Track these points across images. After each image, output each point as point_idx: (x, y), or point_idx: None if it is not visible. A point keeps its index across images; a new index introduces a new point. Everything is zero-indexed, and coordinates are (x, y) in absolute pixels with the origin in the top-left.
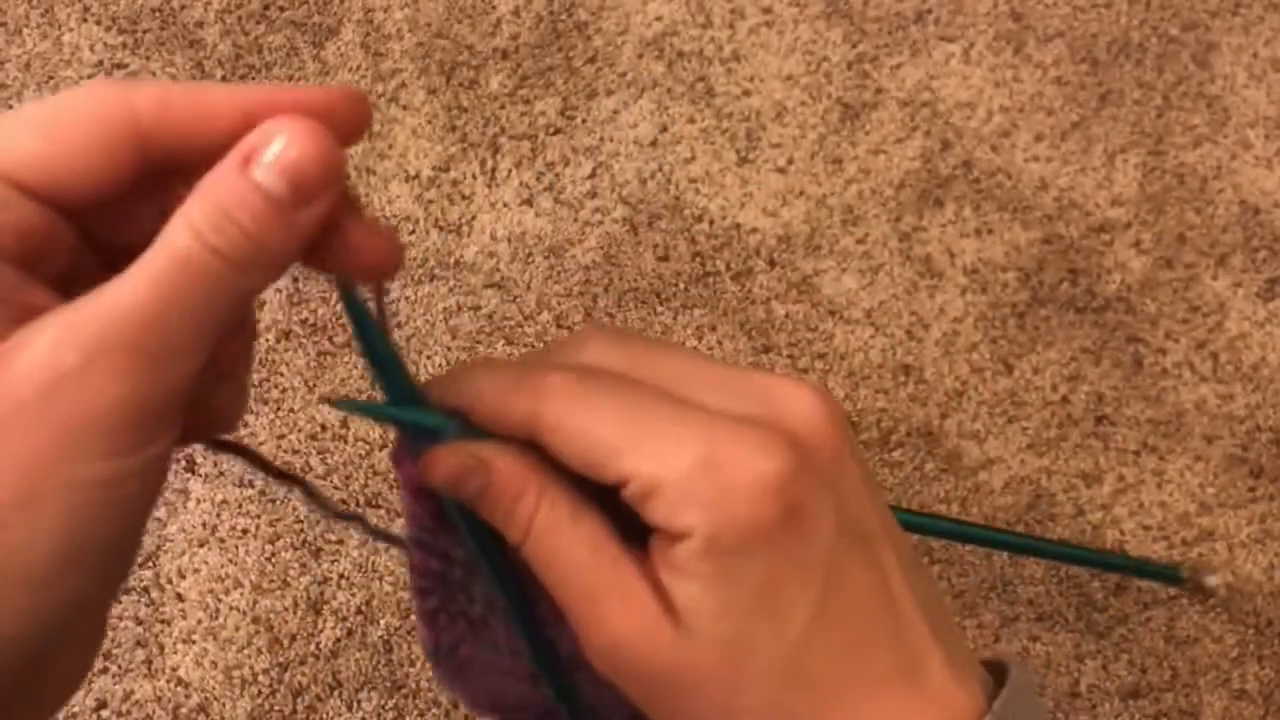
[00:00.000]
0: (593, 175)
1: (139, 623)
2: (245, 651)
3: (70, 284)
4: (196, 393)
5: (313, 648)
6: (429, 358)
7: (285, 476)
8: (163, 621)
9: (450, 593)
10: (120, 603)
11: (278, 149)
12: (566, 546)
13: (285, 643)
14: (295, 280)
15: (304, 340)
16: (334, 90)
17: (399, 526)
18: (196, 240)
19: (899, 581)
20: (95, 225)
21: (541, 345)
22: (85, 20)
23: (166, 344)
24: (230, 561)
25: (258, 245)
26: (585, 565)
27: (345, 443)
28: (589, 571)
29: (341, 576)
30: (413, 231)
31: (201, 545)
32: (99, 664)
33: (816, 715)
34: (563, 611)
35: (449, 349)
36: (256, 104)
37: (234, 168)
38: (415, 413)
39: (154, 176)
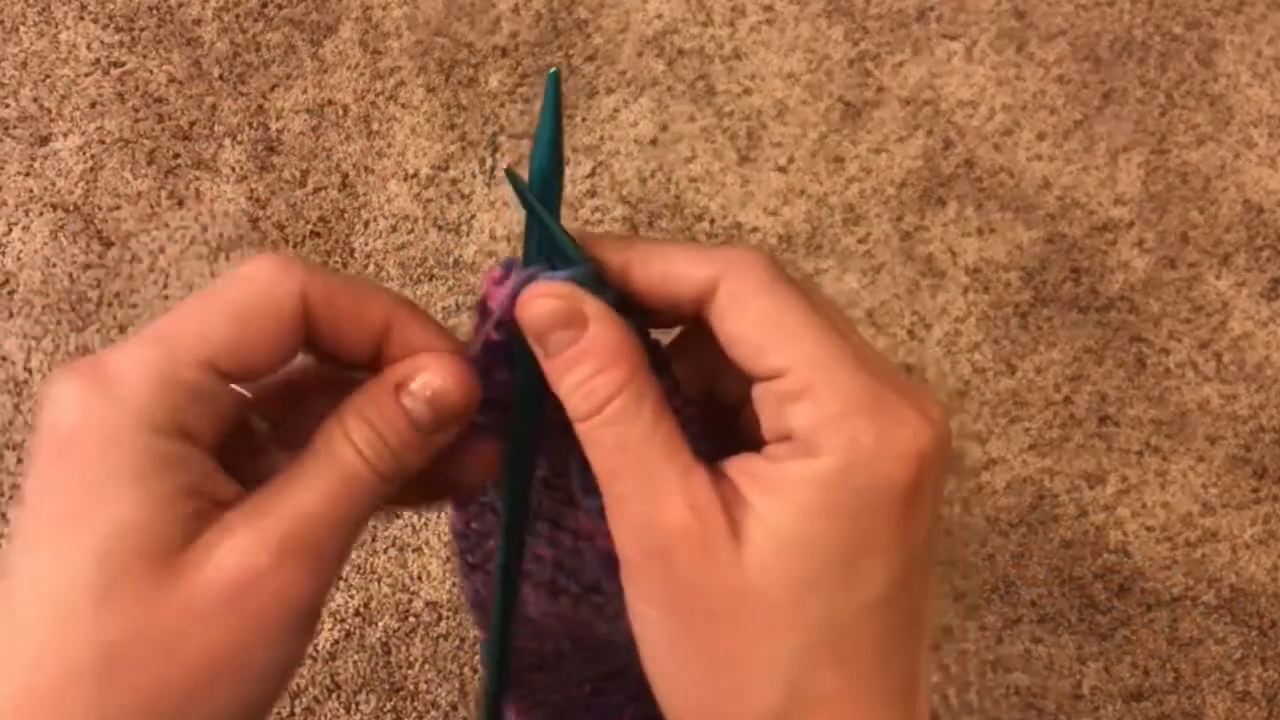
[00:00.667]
0: (593, 174)
1: None
2: None
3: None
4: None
5: (311, 649)
6: None
7: None
8: None
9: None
10: None
11: (427, 380)
12: (642, 438)
13: None
14: None
15: None
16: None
17: (398, 528)
18: (358, 457)
19: (929, 610)
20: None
21: None
22: (82, 18)
23: (335, 546)
24: None
25: (400, 464)
26: (656, 462)
27: None
28: (659, 469)
29: (340, 578)
30: (411, 230)
31: None
32: None
33: (836, 696)
34: (606, 501)
35: None
36: (399, 317)
37: (389, 393)
38: (562, 235)
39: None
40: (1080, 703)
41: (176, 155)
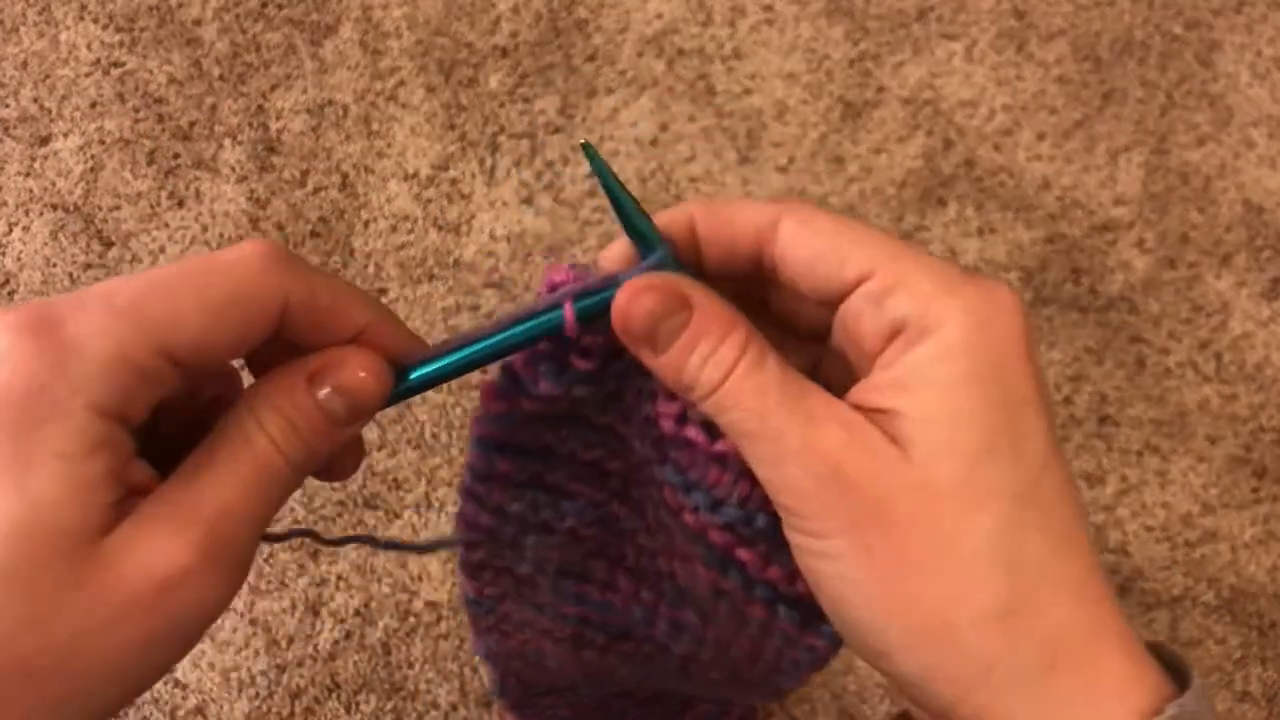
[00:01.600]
0: (592, 174)
1: None
2: (243, 653)
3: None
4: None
5: (311, 649)
6: None
7: (350, 540)
8: None
9: (498, 548)
10: None
11: (344, 376)
12: (779, 379)
13: (283, 644)
14: None
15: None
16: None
17: (398, 528)
18: (273, 448)
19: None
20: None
21: None
22: (82, 18)
23: (251, 545)
24: None
25: (314, 454)
26: (798, 395)
27: None
28: (803, 400)
29: (340, 578)
30: (411, 230)
31: None
32: None
33: (1052, 561)
34: (760, 455)
35: None
36: (375, 326)
37: (301, 384)
38: (641, 218)
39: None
40: None
41: (176, 155)
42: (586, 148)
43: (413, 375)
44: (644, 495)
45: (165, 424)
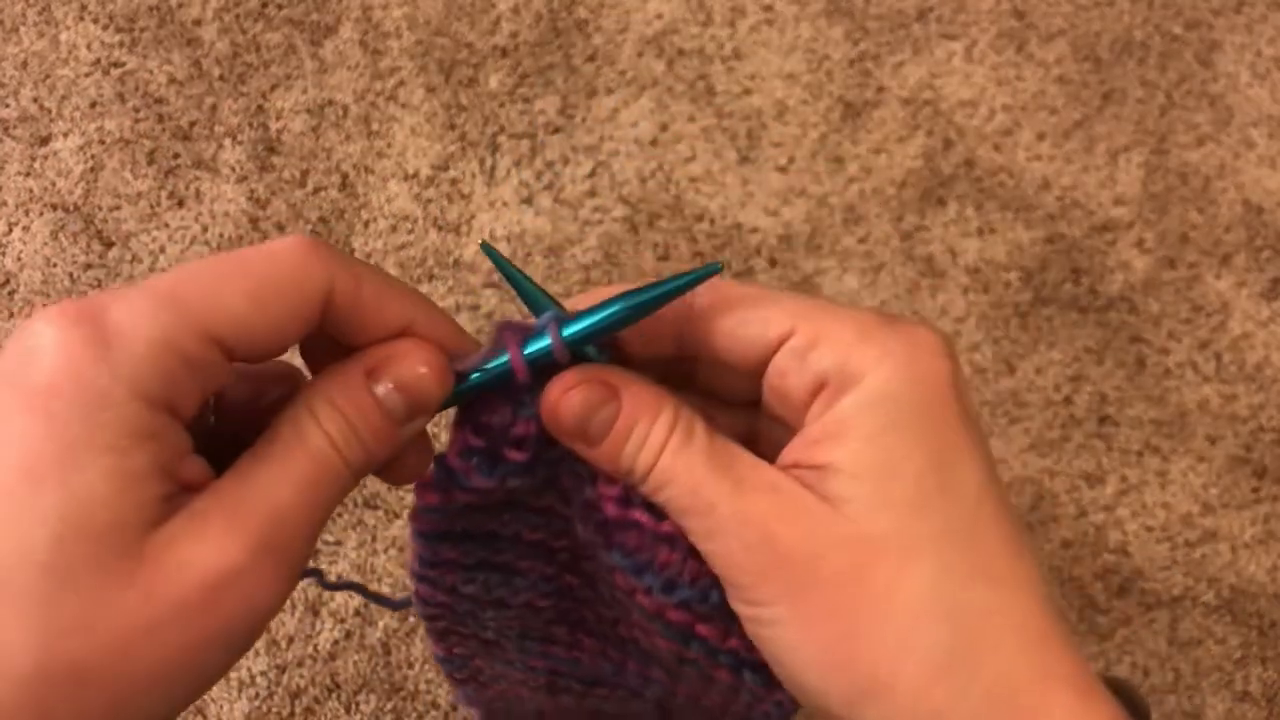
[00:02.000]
0: (592, 174)
1: None
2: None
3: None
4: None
5: (311, 649)
6: None
7: (343, 586)
8: None
9: (458, 619)
10: None
11: (403, 371)
12: (707, 451)
13: (283, 644)
14: None
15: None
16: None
17: (398, 528)
18: (331, 447)
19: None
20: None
21: None
22: (82, 18)
23: (305, 545)
24: None
25: (372, 454)
26: (727, 465)
27: None
28: (732, 470)
29: (340, 578)
30: (411, 231)
31: None
32: None
33: (995, 606)
34: (696, 529)
35: None
36: (420, 320)
37: (359, 380)
38: (537, 293)
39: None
40: None
41: (176, 155)
42: (485, 246)
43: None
44: (595, 569)
45: (229, 427)
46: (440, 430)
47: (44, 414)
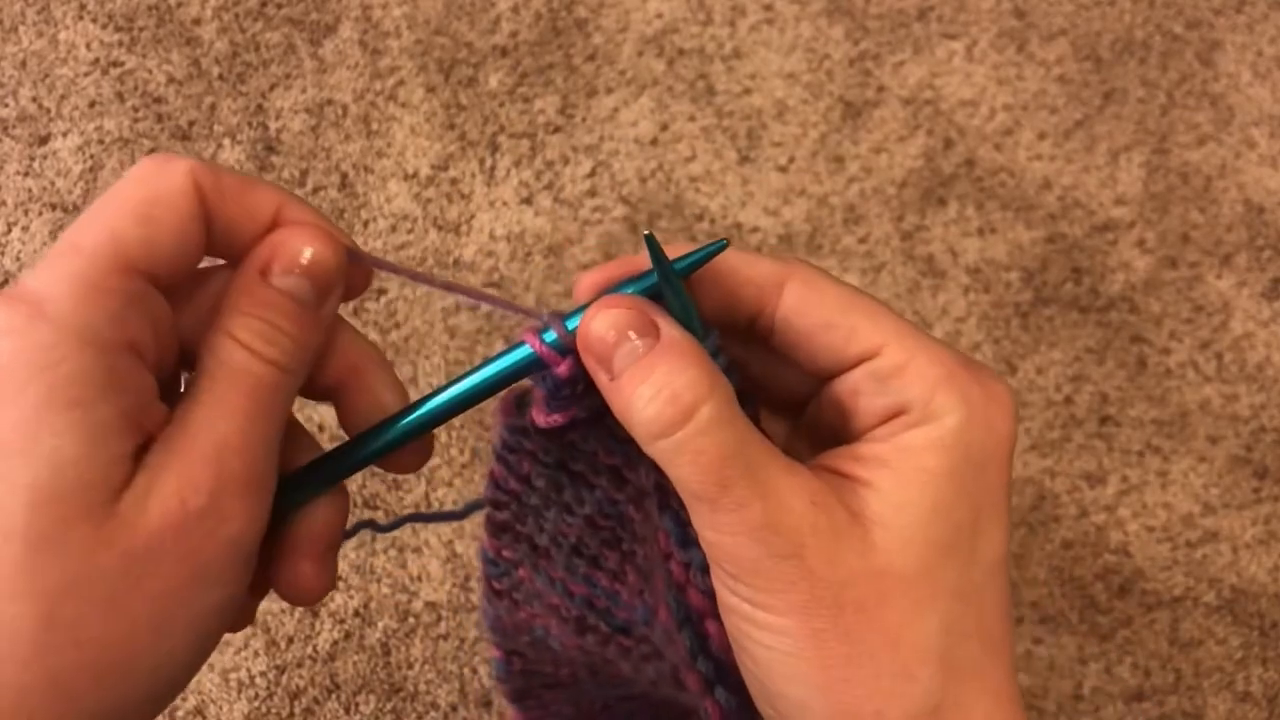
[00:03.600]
0: (592, 174)
1: None
2: (242, 654)
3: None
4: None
5: (310, 650)
6: (427, 357)
7: (399, 523)
8: None
9: (522, 512)
10: None
11: (293, 255)
12: (744, 442)
13: (282, 645)
14: None
15: None
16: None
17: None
18: (254, 359)
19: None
20: None
21: None
22: (81, 18)
23: (261, 466)
24: None
25: (301, 345)
26: (764, 465)
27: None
28: (769, 471)
29: (339, 579)
30: (411, 230)
31: None
32: None
33: (981, 664)
34: (712, 521)
35: (448, 348)
36: (286, 206)
37: (257, 279)
38: (692, 308)
39: None
40: (1081, 703)
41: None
42: (649, 239)
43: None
44: (651, 514)
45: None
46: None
47: (1, 392)
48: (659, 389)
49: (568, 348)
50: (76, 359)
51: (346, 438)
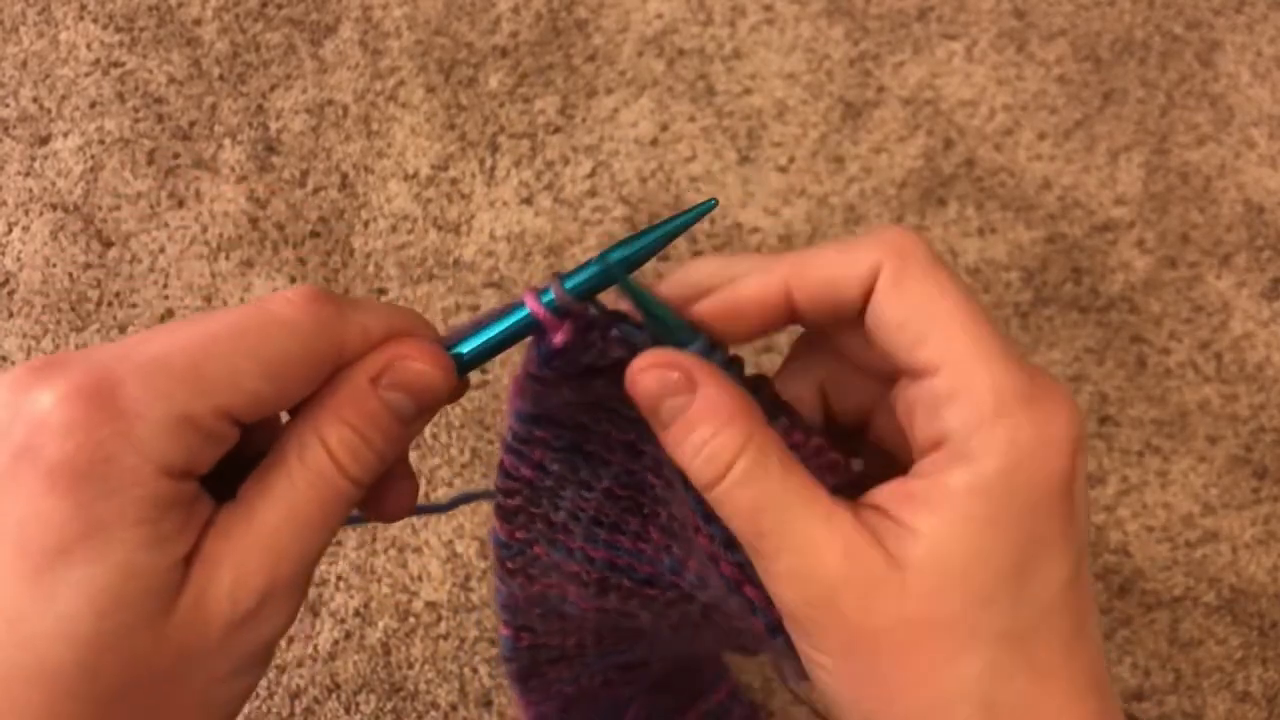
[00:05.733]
0: (592, 174)
1: None
2: None
3: None
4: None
5: (310, 650)
6: None
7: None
8: None
9: (536, 496)
10: None
11: (406, 370)
12: (777, 493)
13: (283, 644)
14: None
15: None
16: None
17: (397, 527)
18: (339, 471)
19: (1093, 593)
20: None
21: None
22: (82, 18)
23: (309, 573)
24: None
25: (383, 461)
26: (798, 515)
27: None
28: (803, 521)
29: (339, 578)
30: (411, 230)
31: None
32: None
33: (1030, 701)
34: (758, 562)
35: None
36: (398, 328)
37: (365, 387)
38: (671, 317)
39: None
40: None
41: (176, 155)
42: (624, 281)
43: (464, 353)
44: (674, 479)
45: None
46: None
47: (68, 494)
48: (698, 448)
49: (566, 309)
50: (152, 485)
51: None
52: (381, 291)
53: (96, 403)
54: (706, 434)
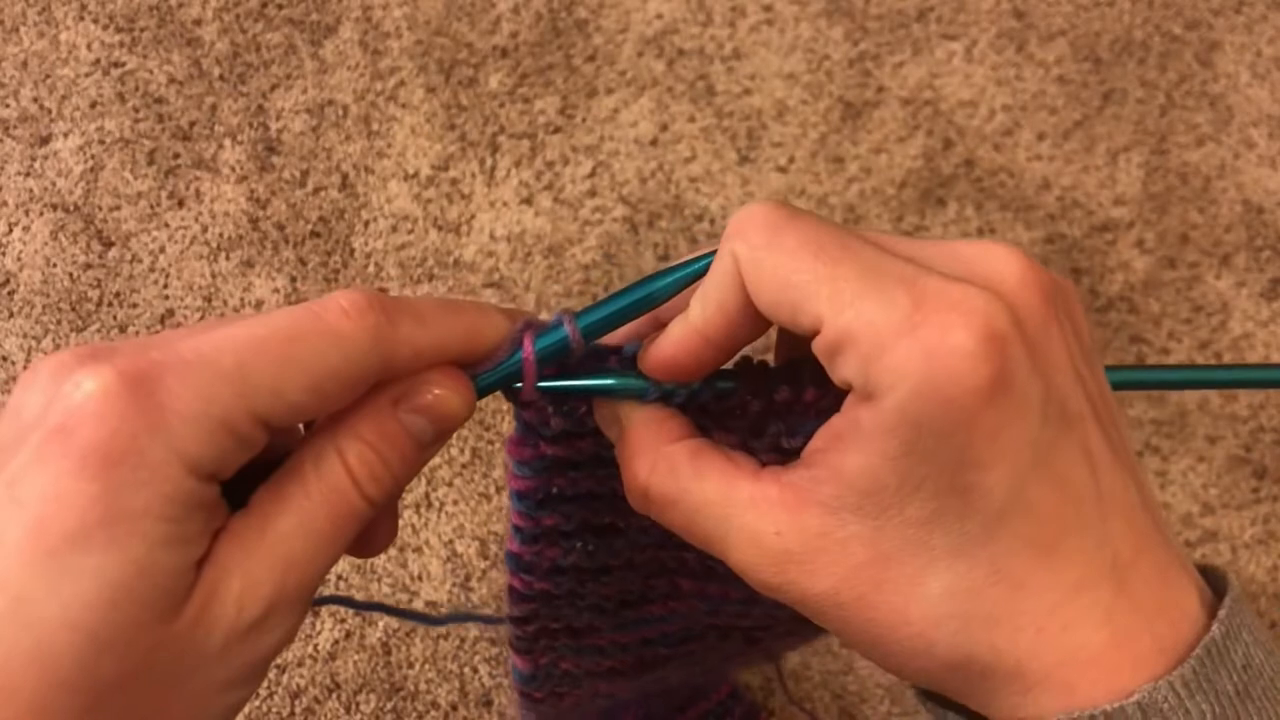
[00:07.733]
0: (592, 174)
1: None
2: None
3: None
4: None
5: (311, 649)
6: None
7: (373, 607)
8: None
9: (554, 608)
10: None
11: (425, 395)
12: (697, 503)
13: None
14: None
15: None
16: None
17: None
18: (355, 488)
19: (1108, 471)
20: None
21: None
22: (82, 18)
23: (314, 587)
24: None
25: (399, 484)
26: (726, 514)
27: None
28: (733, 517)
29: (340, 578)
30: (411, 230)
31: None
32: None
33: (1006, 615)
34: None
35: None
36: (451, 349)
37: (388, 409)
38: (620, 376)
39: None
40: None
41: (176, 155)
42: (543, 388)
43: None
44: None
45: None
46: None
47: (98, 479)
48: (630, 479)
49: (529, 401)
50: (181, 483)
51: None
52: (381, 292)
53: (137, 394)
54: (625, 469)
